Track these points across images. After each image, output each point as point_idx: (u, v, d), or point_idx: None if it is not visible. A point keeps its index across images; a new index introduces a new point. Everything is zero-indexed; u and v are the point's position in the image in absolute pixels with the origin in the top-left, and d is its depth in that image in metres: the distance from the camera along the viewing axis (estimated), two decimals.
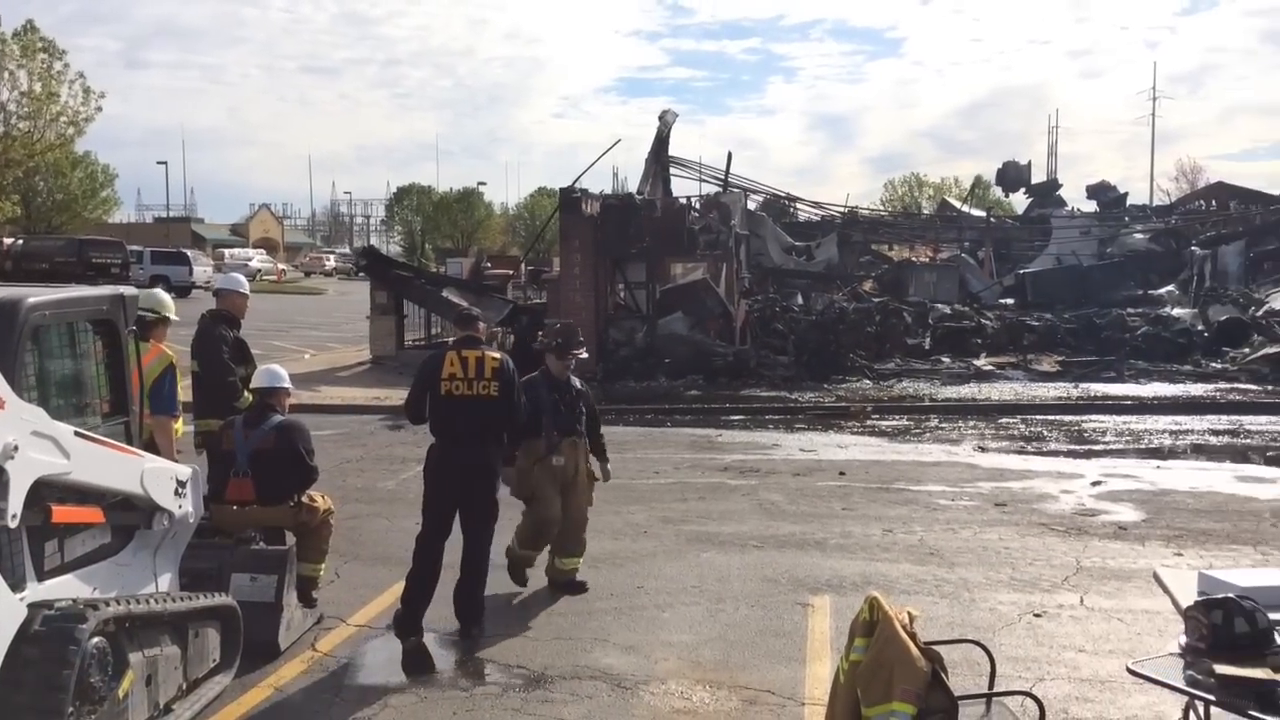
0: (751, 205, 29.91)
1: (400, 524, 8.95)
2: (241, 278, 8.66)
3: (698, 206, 23.78)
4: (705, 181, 28.58)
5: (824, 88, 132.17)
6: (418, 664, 6.17)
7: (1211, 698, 3.61)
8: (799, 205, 33.83)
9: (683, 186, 33.69)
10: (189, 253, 47.29)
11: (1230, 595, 3.94)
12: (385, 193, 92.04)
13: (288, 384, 7.19)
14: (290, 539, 6.87)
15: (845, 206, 34.24)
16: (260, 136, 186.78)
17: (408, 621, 6.41)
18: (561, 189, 22.41)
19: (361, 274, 32.77)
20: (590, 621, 6.93)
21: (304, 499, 6.85)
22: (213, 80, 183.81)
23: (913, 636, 4.05)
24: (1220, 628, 3.80)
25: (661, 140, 26.07)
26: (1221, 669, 3.63)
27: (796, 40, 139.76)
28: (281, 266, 64.91)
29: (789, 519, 9.77)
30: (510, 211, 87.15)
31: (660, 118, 26.51)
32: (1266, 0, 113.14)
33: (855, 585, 7.57)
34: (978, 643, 4.70)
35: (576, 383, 7.62)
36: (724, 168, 29.12)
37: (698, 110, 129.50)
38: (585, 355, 8.14)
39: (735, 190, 27.62)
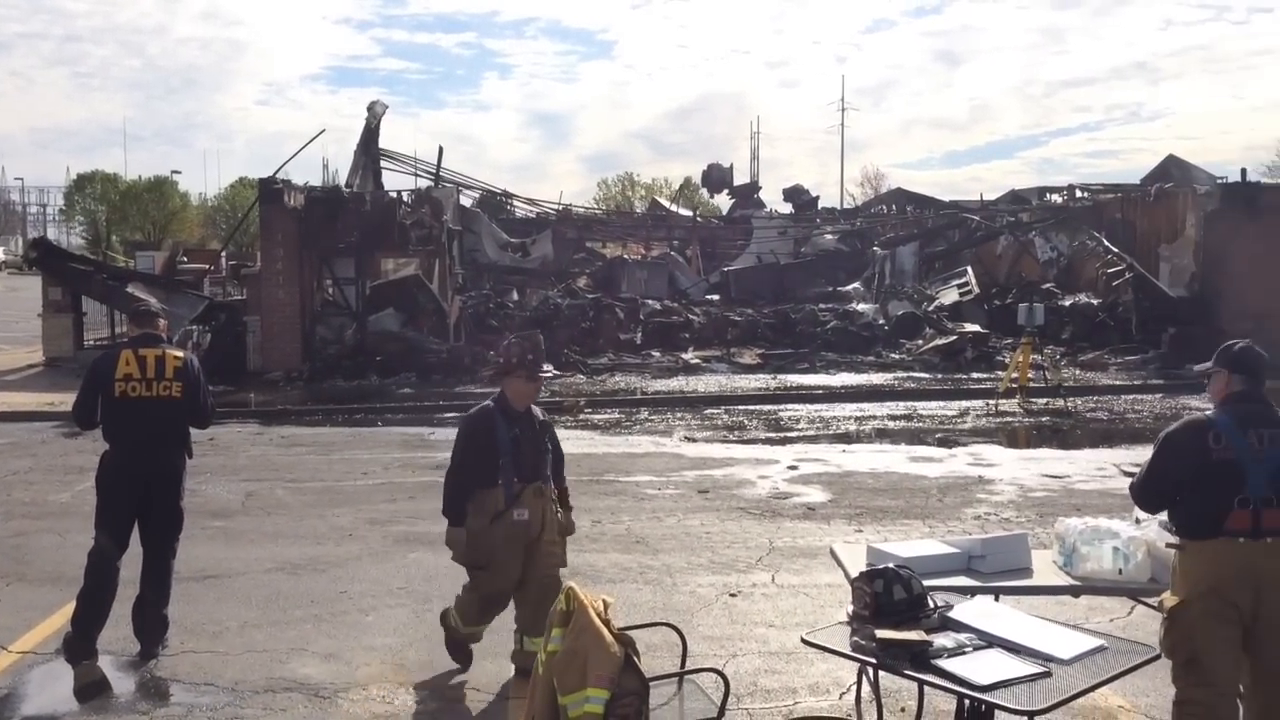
0: (467, 201, 29.67)
1: (73, 539, 8.20)
2: None
3: (409, 201, 23.31)
4: (419, 176, 28.04)
5: (539, 86, 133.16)
6: (91, 689, 5.68)
7: (873, 660, 3.90)
8: (515, 202, 33.86)
9: (396, 180, 32.99)
10: None
11: (890, 566, 4.28)
12: (65, 180, 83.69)
13: None
14: None
15: (560, 204, 34.56)
16: None
17: (80, 644, 5.88)
18: (261, 179, 21.36)
19: (34, 268, 29.76)
20: (288, 631, 6.62)
21: None
22: None
23: (607, 623, 4.13)
24: (881, 596, 4.12)
25: (371, 132, 25.37)
26: (882, 633, 3.93)
27: (511, 37, 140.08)
28: None
29: None
30: (209, 202, 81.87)
31: (369, 109, 25.81)
32: (938, 24, 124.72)
33: (563, 577, 7.62)
34: (671, 625, 4.86)
35: (538, 413, 6.00)
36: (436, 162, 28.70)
37: (412, 103, 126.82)
38: (554, 372, 6.74)
39: (448, 185, 27.29)
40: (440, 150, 28.05)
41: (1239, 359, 4.32)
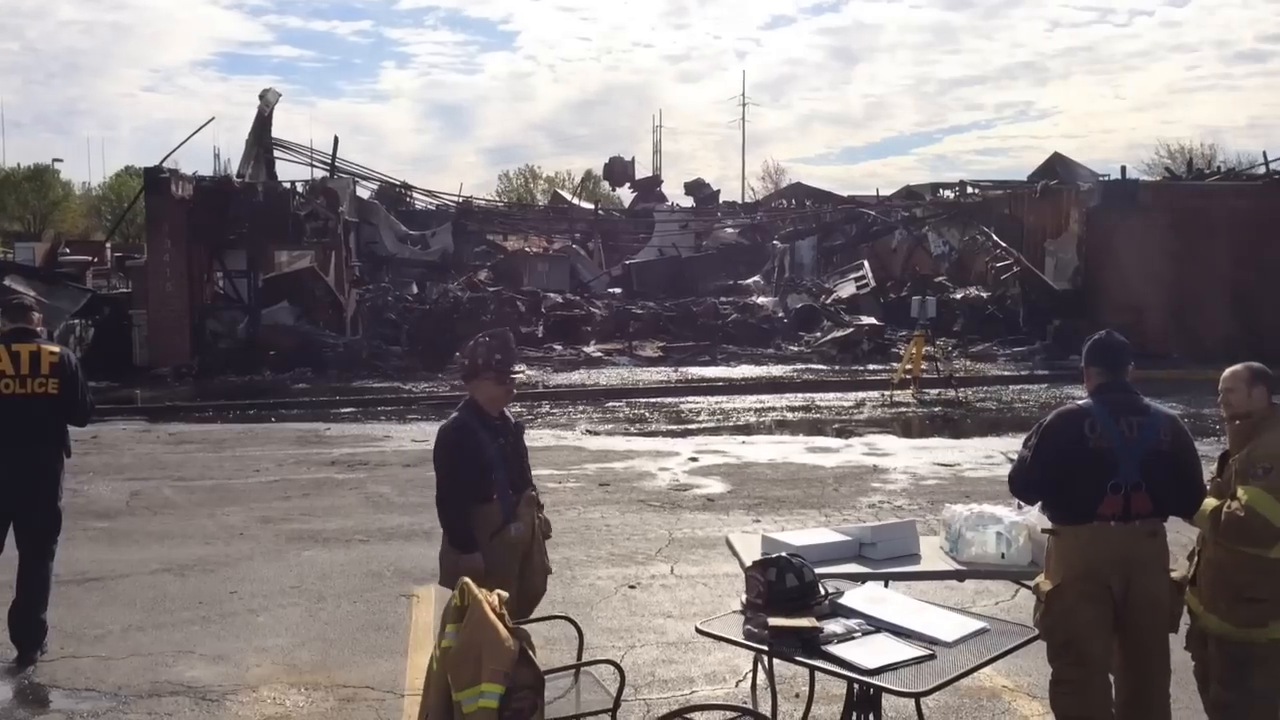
0: (365, 193, 29.11)
1: None
2: None
3: (303, 191, 22.81)
4: (315, 166, 27.40)
5: (439, 76, 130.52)
6: None
7: (764, 648, 3.96)
8: (414, 194, 33.39)
9: (291, 171, 32.09)
10: None
11: (783, 554, 4.34)
12: None
13: None
14: None
15: (461, 196, 34.18)
16: None
17: None
18: (147, 169, 20.69)
19: None
20: (174, 634, 6.43)
21: None
22: None
23: (502, 618, 4.10)
24: (774, 584, 4.17)
25: (264, 120, 24.73)
26: (774, 621, 3.98)
27: (410, 26, 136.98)
28: None
29: (397, 510, 9.63)
30: (94, 192, 78.80)
31: (262, 97, 25.12)
32: (834, 21, 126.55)
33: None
34: (566, 617, 4.85)
35: (510, 415, 5.43)
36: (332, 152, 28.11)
37: (307, 92, 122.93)
38: (525, 374, 5.98)
39: (344, 176, 26.77)
40: (336, 140, 27.62)
41: (1093, 354, 4.51)
